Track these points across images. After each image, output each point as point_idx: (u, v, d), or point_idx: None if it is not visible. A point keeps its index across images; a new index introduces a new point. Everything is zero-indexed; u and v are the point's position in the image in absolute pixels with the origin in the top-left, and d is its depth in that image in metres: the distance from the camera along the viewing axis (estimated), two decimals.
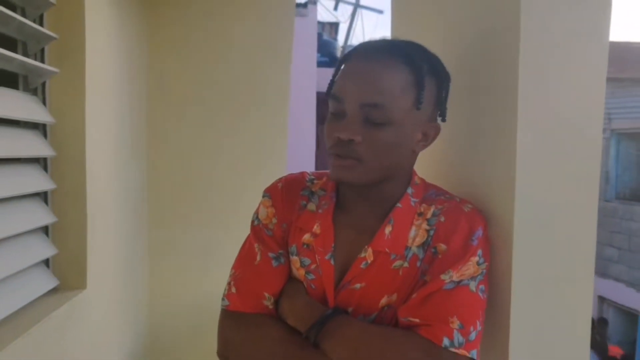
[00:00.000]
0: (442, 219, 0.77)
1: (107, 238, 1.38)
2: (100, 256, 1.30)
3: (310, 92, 6.31)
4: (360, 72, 0.74)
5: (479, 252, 0.75)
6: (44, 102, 1.13)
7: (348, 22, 9.93)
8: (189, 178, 1.87)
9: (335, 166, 0.76)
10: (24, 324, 0.96)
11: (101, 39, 1.29)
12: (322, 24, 9.04)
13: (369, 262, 0.77)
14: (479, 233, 0.76)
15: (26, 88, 1.08)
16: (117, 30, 1.45)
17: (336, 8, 10.17)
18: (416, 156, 0.82)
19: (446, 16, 1.05)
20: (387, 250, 0.77)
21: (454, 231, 0.76)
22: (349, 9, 10.04)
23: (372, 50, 0.75)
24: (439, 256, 0.75)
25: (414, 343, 0.71)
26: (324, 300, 0.80)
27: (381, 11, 10.58)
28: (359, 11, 10.10)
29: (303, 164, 5.13)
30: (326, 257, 0.80)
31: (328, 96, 0.77)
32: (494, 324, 0.80)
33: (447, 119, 0.81)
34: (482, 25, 0.89)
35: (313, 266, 0.81)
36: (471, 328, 0.71)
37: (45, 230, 1.16)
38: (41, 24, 1.11)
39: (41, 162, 1.14)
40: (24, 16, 1.04)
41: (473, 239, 0.75)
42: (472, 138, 0.92)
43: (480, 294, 0.74)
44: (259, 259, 0.84)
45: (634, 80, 7.41)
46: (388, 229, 0.78)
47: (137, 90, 1.70)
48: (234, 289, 0.84)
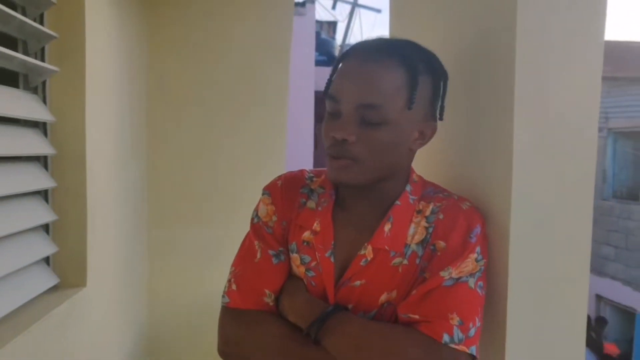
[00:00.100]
0: (441, 217, 0.78)
1: (107, 236, 1.38)
2: (101, 254, 1.30)
3: (309, 91, 6.29)
4: (356, 73, 0.74)
5: (478, 249, 0.76)
6: (44, 101, 1.13)
7: (346, 21, 9.91)
8: (189, 177, 1.87)
9: (332, 168, 0.76)
10: (25, 321, 0.96)
11: (101, 38, 1.29)
12: (320, 23, 9.03)
13: (368, 259, 0.78)
14: (477, 230, 0.77)
15: (26, 87, 1.09)
16: (117, 30, 1.45)
17: (334, 7, 10.15)
18: (414, 154, 0.82)
19: (444, 15, 1.05)
20: (386, 247, 0.78)
21: (453, 228, 0.77)
22: (347, 7, 10.03)
23: (367, 50, 0.75)
24: (438, 253, 0.76)
25: (414, 339, 0.72)
26: (324, 298, 0.81)
27: (379, 10, 10.58)
28: (357, 10, 10.09)
29: (301, 163, 5.11)
30: (326, 255, 0.80)
31: (325, 96, 0.78)
32: (491, 321, 0.81)
33: (445, 118, 0.82)
34: (479, 24, 0.90)
35: (313, 263, 0.82)
36: (470, 324, 0.72)
37: (46, 228, 1.16)
38: (41, 23, 1.11)
39: (41, 161, 1.14)
40: (24, 15, 1.04)
41: (471, 236, 0.76)
42: (470, 137, 0.93)
43: (479, 291, 0.75)
44: (259, 256, 0.84)
45: (630, 79, 7.43)
46: (387, 227, 0.78)
47: (137, 90, 1.70)
48: (234, 286, 0.84)
